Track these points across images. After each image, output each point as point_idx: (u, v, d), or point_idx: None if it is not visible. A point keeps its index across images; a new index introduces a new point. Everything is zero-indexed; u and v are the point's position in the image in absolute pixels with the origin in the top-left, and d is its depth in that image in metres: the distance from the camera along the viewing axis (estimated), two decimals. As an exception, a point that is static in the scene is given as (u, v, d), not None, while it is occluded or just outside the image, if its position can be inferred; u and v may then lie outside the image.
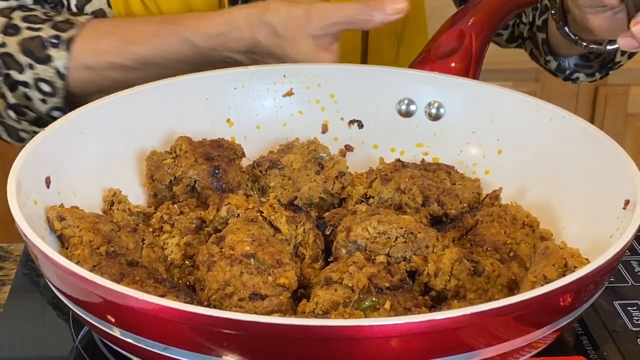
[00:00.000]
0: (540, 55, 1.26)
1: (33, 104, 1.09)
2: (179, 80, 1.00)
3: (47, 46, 1.06)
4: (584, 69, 1.24)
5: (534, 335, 0.69)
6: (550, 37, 1.22)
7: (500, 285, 0.80)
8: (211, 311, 0.64)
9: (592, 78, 1.26)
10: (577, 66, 1.24)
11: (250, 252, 0.78)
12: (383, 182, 0.93)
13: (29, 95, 1.08)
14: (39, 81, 1.07)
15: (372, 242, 0.82)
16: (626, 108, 2.40)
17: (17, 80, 1.08)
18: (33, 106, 1.09)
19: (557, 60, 1.24)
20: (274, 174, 0.95)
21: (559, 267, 0.74)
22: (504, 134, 0.99)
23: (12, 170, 0.80)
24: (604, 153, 0.87)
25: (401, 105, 1.03)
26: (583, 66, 1.24)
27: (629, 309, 0.86)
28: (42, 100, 1.09)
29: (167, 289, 0.76)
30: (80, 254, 0.78)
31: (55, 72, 1.07)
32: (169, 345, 0.67)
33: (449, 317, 0.64)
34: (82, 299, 0.71)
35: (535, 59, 1.29)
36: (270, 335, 0.64)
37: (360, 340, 0.64)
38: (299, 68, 1.03)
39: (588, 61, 1.23)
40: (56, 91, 1.08)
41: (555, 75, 1.27)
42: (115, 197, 0.90)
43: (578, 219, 0.88)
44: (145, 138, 0.97)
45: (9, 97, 1.09)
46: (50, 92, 1.08)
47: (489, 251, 0.85)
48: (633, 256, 0.94)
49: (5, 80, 1.08)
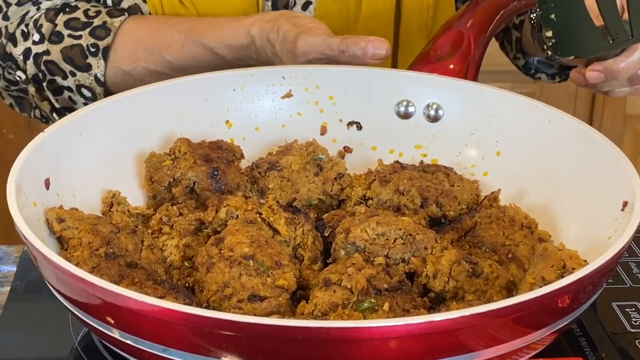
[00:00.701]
0: (511, 50, 1.29)
1: (78, 106, 1.15)
2: (178, 82, 1.00)
3: (87, 55, 1.12)
4: (546, 69, 1.27)
5: (532, 336, 0.69)
6: (524, 38, 1.24)
7: (498, 286, 0.80)
8: (210, 313, 0.64)
9: (552, 80, 1.29)
10: (540, 64, 1.27)
11: (249, 253, 0.79)
12: (382, 183, 0.93)
13: (73, 99, 1.15)
14: (81, 87, 1.13)
15: (371, 244, 0.82)
16: (624, 109, 2.40)
17: (61, 85, 1.14)
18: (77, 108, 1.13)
19: (525, 59, 1.27)
20: (273, 175, 0.95)
21: (557, 268, 0.75)
22: (502, 135, 0.99)
23: (12, 171, 0.80)
24: (602, 155, 0.87)
25: (400, 106, 1.03)
26: (545, 65, 1.27)
27: (627, 311, 0.86)
28: (84, 103, 1.14)
29: (166, 291, 0.76)
30: (79, 256, 0.78)
31: (94, 79, 1.12)
32: (168, 346, 0.67)
33: (447, 319, 0.64)
34: (82, 300, 0.71)
35: (505, 52, 1.32)
36: (269, 336, 0.64)
37: (359, 342, 0.64)
38: (298, 70, 1.03)
39: (549, 62, 1.26)
40: (96, 96, 1.13)
41: (522, 72, 1.30)
42: (115, 198, 0.90)
43: (576, 220, 0.88)
44: (145, 140, 0.97)
45: (54, 102, 1.16)
46: (91, 97, 1.14)
47: (488, 252, 0.85)
48: (631, 258, 0.94)
49: (49, 85, 1.14)
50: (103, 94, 1.13)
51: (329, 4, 1.16)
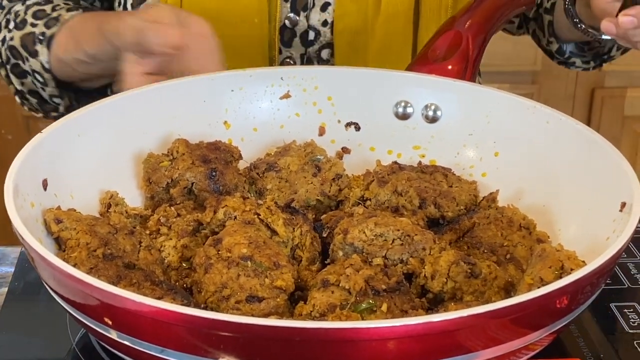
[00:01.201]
0: (544, 36, 1.29)
1: (39, 91, 1.18)
2: (176, 82, 1.00)
3: (36, 42, 1.14)
4: (580, 55, 1.28)
5: (531, 337, 0.69)
6: (555, 20, 1.24)
7: (496, 287, 0.80)
8: (208, 314, 0.64)
9: (587, 65, 1.29)
10: (572, 53, 1.28)
11: (247, 254, 0.78)
12: (380, 184, 0.93)
13: (34, 82, 1.17)
14: (34, 72, 1.15)
15: (369, 245, 0.82)
16: (623, 110, 2.40)
17: (24, 69, 1.17)
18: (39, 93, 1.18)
19: (558, 43, 1.27)
20: (271, 176, 0.95)
21: (555, 269, 0.75)
22: (500, 136, 0.99)
23: (9, 172, 0.80)
24: (600, 155, 0.87)
25: (398, 107, 1.03)
26: (579, 51, 1.28)
27: (625, 311, 0.86)
28: (41, 88, 1.17)
29: (164, 292, 0.76)
30: (77, 257, 0.78)
31: (41, 66, 1.14)
32: (166, 347, 0.67)
33: (446, 319, 0.64)
34: (79, 301, 0.71)
35: (537, 40, 1.32)
36: (267, 337, 0.64)
37: (358, 343, 0.64)
38: (297, 71, 1.03)
39: (582, 51, 1.27)
40: (46, 82, 1.15)
41: (553, 57, 1.31)
42: (112, 199, 0.90)
43: (574, 221, 0.88)
44: (142, 140, 0.97)
45: (17, 85, 1.19)
46: (43, 82, 1.16)
47: (486, 253, 0.85)
48: (629, 258, 0.94)
49: (13, 68, 1.18)
50: (52, 81, 1.14)
51: (347, 5, 1.17)
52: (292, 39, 1.19)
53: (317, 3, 1.18)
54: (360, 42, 1.19)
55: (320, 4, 1.18)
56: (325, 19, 1.18)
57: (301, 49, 1.20)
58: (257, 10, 1.16)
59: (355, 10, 1.17)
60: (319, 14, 1.18)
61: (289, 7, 1.18)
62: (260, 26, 1.17)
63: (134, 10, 1.19)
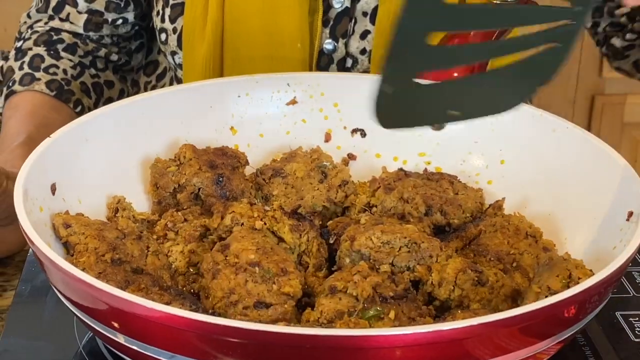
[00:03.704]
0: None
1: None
2: (184, 88, 1.01)
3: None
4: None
5: (538, 346, 0.70)
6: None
7: (503, 295, 0.80)
8: (218, 319, 0.64)
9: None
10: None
11: (255, 260, 0.79)
12: (386, 191, 0.93)
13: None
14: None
15: (376, 252, 0.82)
16: (622, 117, 2.41)
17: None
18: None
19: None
20: (277, 182, 0.95)
21: (563, 278, 0.75)
22: (506, 144, 0.99)
23: (19, 177, 0.80)
24: (607, 164, 0.87)
25: (404, 114, 1.03)
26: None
27: (631, 320, 0.87)
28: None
29: (172, 297, 0.76)
30: (85, 261, 0.78)
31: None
32: (175, 353, 0.67)
33: (455, 328, 0.64)
34: (88, 305, 0.71)
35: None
36: (276, 344, 0.64)
37: (367, 350, 0.64)
38: (303, 77, 1.04)
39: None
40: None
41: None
42: (120, 204, 0.90)
43: (581, 230, 0.88)
44: (150, 146, 0.97)
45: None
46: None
47: (492, 261, 0.85)
48: (635, 267, 0.94)
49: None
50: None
51: (387, 34, 1.14)
52: (329, 64, 1.18)
53: (357, 30, 1.17)
54: None
55: (360, 32, 1.17)
56: (364, 47, 1.17)
57: None
58: (299, 34, 1.15)
59: None
60: (358, 42, 1.17)
61: (328, 33, 1.17)
62: (302, 50, 1.16)
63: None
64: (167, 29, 1.22)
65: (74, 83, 1.22)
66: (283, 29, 1.15)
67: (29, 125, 1.13)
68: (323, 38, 1.16)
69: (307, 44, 1.16)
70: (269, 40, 1.16)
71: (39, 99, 1.19)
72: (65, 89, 1.20)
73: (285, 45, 1.16)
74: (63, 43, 1.24)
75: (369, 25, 1.17)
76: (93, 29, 1.26)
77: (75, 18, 1.25)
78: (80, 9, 1.25)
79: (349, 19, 1.16)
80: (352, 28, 1.17)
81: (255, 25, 1.16)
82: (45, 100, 1.19)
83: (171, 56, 1.24)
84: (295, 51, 1.15)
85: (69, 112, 1.20)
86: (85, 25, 1.25)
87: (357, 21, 1.16)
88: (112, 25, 1.26)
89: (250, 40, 1.16)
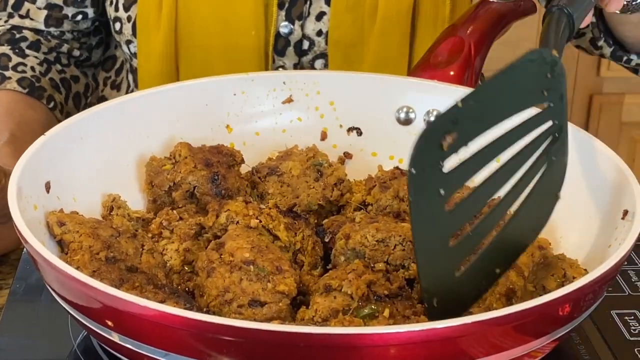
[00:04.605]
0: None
1: None
2: (179, 86, 1.01)
3: None
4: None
5: (532, 344, 0.70)
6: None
7: (498, 293, 0.80)
8: (212, 318, 0.64)
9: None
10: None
11: (249, 258, 0.79)
12: (382, 189, 0.93)
13: None
14: None
15: (371, 250, 0.82)
16: (620, 117, 2.41)
17: None
18: None
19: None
20: (272, 180, 0.95)
21: (557, 277, 0.75)
22: (502, 142, 0.99)
23: (13, 174, 0.80)
24: (602, 163, 0.87)
25: (400, 113, 1.03)
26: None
27: (626, 319, 0.87)
28: None
29: (166, 295, 0.76)
30: (79, 260, 0.78)
31: None
32: (169, 351, 0.67)
33: (449, 326, 0.64)
34: (82, 304, 0.71)
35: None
36: (270, 342, 0.64)
37: (361, 349, 0.64)
38: (299, 75, 1.04)
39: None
40: None
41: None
42: (115, 202, 0.90)
43: (576, 228, 0.88)
44: (145, 144, 0.97)
45: None
46: None
47: (487, 260, 0.85)
48: (630, 266, 0.94)
49: None
50: None
51: (343, 15, 1.16)
52: (285, 47, 1.18)
53: (312, 12, 1.17)
54: (355, 53, 1.18)
55: (316, 13, 1.17)
56: (320, 29, 1.18)
57: (294, 59, 1.19)
58: (254, 21, 1.15)
59: (351, 21, 1.17)
60: (314, 24, 1.17)
61: (284, 15, 1.17)
62: (257, 37, 1.17)
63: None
64: (121, 17, 1.22)
65: (43, 80, 1.22)
66: (237, 15, 1.16)
67: (10, 124, 1.13)
68: (279, 21, 1.17)
69: (262, 29, 1.16)
70: (224, 29, 1.16)
71: (13, 97, 1.18)
72: (36, 85, 1.20)
73: (239, 34, 1.16)
74: (26, 41, 1.24)
75: (324, 6, 1.17)
76: (54, 24, 1.26)
77: (35, 14, 1.25)
78: (39, 5, 1.25)
79: (304, 1, 1.17)
80: (308, 10, 1.17)
81: (210, 13, 1.16)
82: (19, 98, 1.19)
83: (126, 45, 1.24)
84: (250, 39, 1.16)
85: (44, 108, 1.21)
86: (46, 20, 1.25)
87: (312, 3, 1.17)
88: (72, 21, 1.26)
89: (204, 29, 1.16)
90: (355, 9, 1.17)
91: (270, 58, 1.18)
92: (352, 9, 1.17)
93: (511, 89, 0.72)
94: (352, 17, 1.16)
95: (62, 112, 1.24)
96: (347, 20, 1.16)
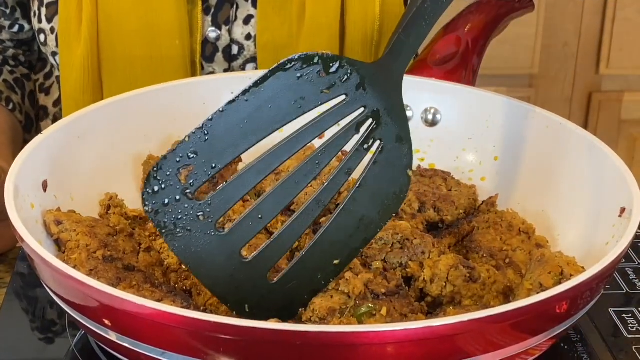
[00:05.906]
0: None
1: None
2: (176, 84, 1.00)
3: None
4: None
5: (530, 342, 0.69)
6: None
7: (495, 291, 0.80)
8: (209, 316, 0.64)
9: None
10: None
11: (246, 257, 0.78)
12: (379, 187, 0.93)
13: None
14: None
15: (368, 248, 0.82)
16: (620, 114, 2.41)
17: None
18: None
19: None
20: (270, 178, 0.95)
21: (555, 274, 0.75)
22: (500, 140, 0.99)
23: (10, 173, 0.80)
24: (600, 160, 0.87)
25: (398, 111, 1.03)
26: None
27: (624, 317, 0.87)
28: None
29: (164, 294, 0.76)
30: (77, 258, 0.78)
31: None
32: (166, 350, 0.67)
33: (446, 324, 0.64)
34: (79, 303, 0.71)
35: None
36: (267, 341, 0.64)
37: (358, 347, 0.64)
38: (296, 73, 1.03)
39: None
40: None
41: None
42: (112, 201, 0.90)
43: (574, 226, 0.88)
44: (142, 142, 0.97)
45: None
46: None
47: (485, 257, 0.85)
48: (628, 264, 0.94)
49: None
50: None
51: (271, 18, 1.14)
52: (214, 53, 1.16)
53: (239, 16, 1.15)
54: (285, 55, 1.15)
55: (243, 17, 1.15)
56: (248, 32, 1.16)
57: (224, 64, 1.17)
58: (178, 29, 1.13)
59: (279, 24, 1.15)
60: (242, 27, 1.15)
61: (210, 21, 1.15)
62: (181, 46, 1.14)
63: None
64: (44, 29, 1.19)
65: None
66: (160, 24, 1.13)
67: None
68: (205, 27, 1.15)
69: (187, 37, 1.14)
70: (147, 39, 1.13)
71: None
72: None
73: (163, 43, 1.13)
74: None
75: (252, 9, 1.16)
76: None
77: None
78: None
79: (231, 5, 1.15)
80: (235, 14, 1.15)
81: (131, 24, 1.13)
82: None
83: (52, 57, 1.21)
84: (174, 49, 1.13)
85: (4, 110, 1.19)
86: None
87: (239, 6, 1.15)
88: (10, 31, 1.25)
89: (126, 39, 1.13)
90: (283, 11, 1.15)
91: (198, 65, 1.15)
92: (279, 11, 1.15)
93: (266, 105, 0.77)
94: (279, 19, 1.14)
95: (21, 113, 1.23)
96: (275, 22, 1.14)
